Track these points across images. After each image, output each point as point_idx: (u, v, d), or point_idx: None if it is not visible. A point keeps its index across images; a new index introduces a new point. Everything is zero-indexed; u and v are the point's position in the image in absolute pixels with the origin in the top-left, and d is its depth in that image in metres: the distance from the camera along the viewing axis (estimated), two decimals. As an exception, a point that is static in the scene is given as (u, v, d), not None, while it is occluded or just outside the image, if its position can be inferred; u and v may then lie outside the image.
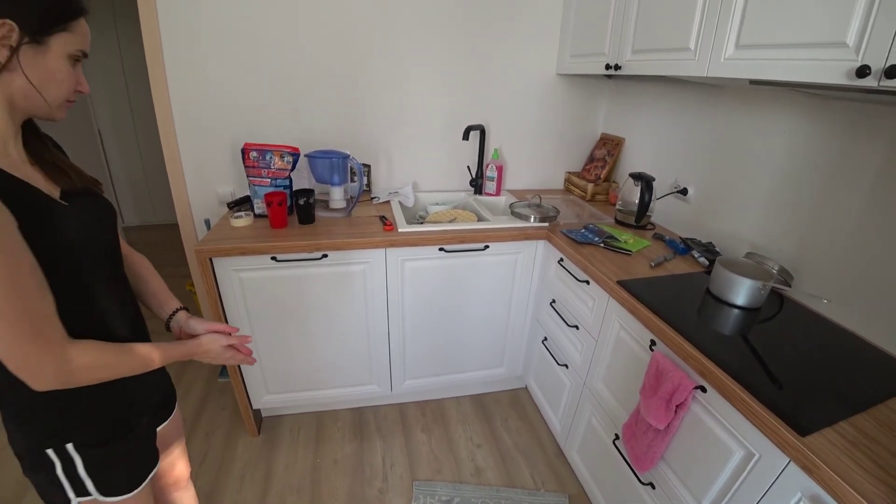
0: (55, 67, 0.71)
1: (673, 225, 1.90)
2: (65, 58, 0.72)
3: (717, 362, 1.02)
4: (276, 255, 1.64)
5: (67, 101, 0.77)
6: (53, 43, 0.70)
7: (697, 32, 1.32)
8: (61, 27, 0.70)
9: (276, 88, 1.99)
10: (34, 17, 0.67)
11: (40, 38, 0.68)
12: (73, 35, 0.72)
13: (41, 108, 0.74)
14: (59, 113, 0.76)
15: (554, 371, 1.85)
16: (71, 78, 0.74)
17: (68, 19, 0.71)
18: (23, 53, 0.67)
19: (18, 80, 0.68)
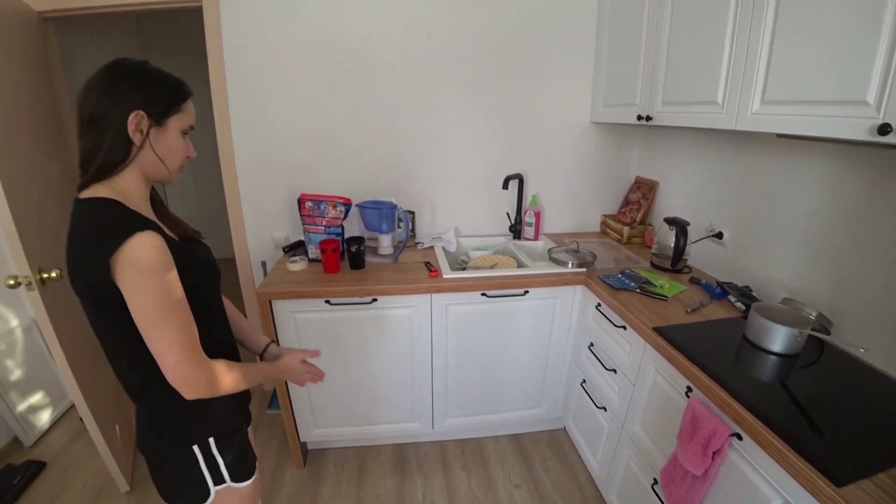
0: (173, 142, 0.91)
1: (710, 269, 1.93)
2: (179, 133, 0.92)
3: (752, 410, 1.06)
4: (329, 299, 1.77)
5: (180, 169, 0.96)
6: (171, 123, 0.90)
7: (724, 88, 1.40)
8: (176, 110, 0.90)
9: (328, 143, 2.19)
10: (159, 107, 0.87)
11: (162, 121, 0.88)
12: (184, 114, 0.92)
13: (164, 176, 0.93)
14: (176, 177, 0.96)
15: (592, 413, 1.88)
16: (184, 148, 0.94)
17: (180, 103, 0.91)
18: (151, 135, 0.87)
19: (149, 156, 0.89)
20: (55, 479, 2.06)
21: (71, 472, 2.09)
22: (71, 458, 2.18)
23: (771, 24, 1.22)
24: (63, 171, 2.09)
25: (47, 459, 2.15)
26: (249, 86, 2.07)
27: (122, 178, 0.88)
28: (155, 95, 0.87)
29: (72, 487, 2.01)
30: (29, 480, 2.02)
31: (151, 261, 0.80)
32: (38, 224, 1.72)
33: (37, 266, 1.61)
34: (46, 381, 2.40)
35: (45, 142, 1.94)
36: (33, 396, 2.31)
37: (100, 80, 0.84)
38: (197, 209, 4.65)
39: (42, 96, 1.95)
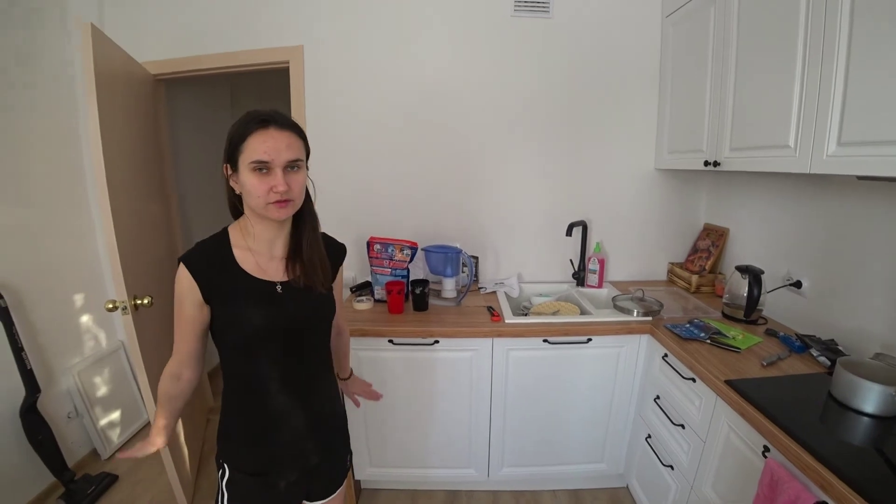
0: (245, 182, 0.94)
1: (787, 320, 1.81)
2: (249, 172, 0.93)
3: (841, 475, 0.97)
4: (392, 339, 1.83)
5: (273, 203, 0.94)
6: (240, 165, 0.94)
7: (796, 130, 1.36)
8: (240, 150, 0.93)
9: (398, 189, 2.34)
10: (230, 153, 0.96)
11: (234, 165, 0.96)
12: (247, 152, 0.92)
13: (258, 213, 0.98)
14: (270, 213, 0.96)
15: (658, 471, 1.76)
16: (257, 185, 0.93)
17: (242, 142, 0.93)
18: (234, 180, 0.99)
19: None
20: (125, 492, 2.20)
21: (140, 488, 2.23)
22: (141, 475, 2.32)
23: (844, 60, 1.19)
24: (163, 211, 2.36)
25: (120, 473, 2.31)
26: (326, 134, 2.26)
27: (245, 217, 1.04)
28: (228, 144, 0.96)
29: (140, 501, 2.14)
30: (102, 491, 2.18)
31: (176, 281, 0.99)
32: (138, 256, 1.94)
33: (133, 293, 1.80)
34: (127, 400, 2.61)
35: (150, 186, 2.21)
36: (114, 413, 2.52)
37: None
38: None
39: (150, 147, 2.25)
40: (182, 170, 2.90)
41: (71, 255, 2.36)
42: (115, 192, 1.73)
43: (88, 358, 2.42)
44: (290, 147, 0.95)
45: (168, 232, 2.48)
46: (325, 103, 2.26)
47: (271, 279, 1.02)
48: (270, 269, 1.03)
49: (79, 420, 2.34)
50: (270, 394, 1.04)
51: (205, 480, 2.27)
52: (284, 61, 2.25)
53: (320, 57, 2.23)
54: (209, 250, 1.00)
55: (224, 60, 2.28)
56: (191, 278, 0.96)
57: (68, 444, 2.25)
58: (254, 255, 1.02)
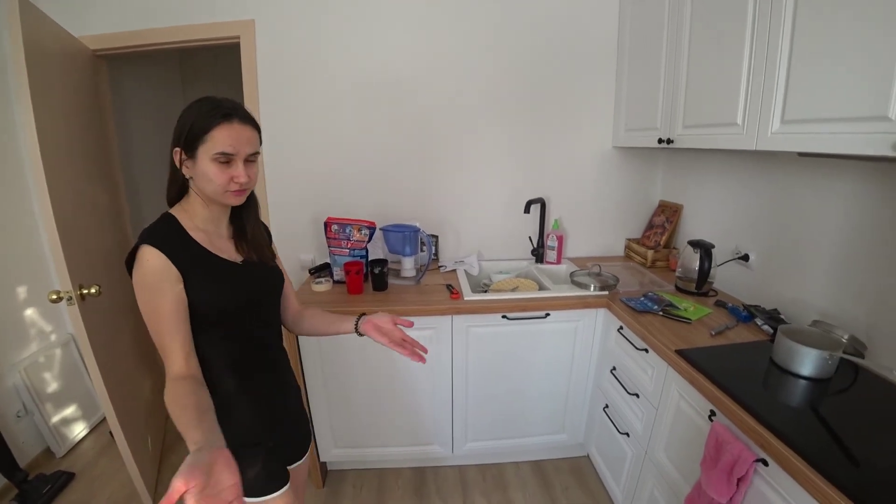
0: (203, 171, 0.95)
1: (736, 291, 1.89)
2: (209, 161, 0.94)
3: (779, 434, 1.02)
4: (351, 318, 1.81)
5: (230, 192, 0.97)
6: (199, 153, 0.94)
7: (744, 109, 1.40)
8: (201, 141, 0.93)
9: (355, 169, 2.27)
10: (186, 139, 0.94)
11: (192, 153, 0.94)
12: (209, 144, 0.93)
13: (212, 199, 0.99)
14: (227, 199, 0.99)
15: (615, 439, 1.83)
16: (218, 175, 0.95)
17: (205, 133, 0.93)
18: (187, 165, 0.97)
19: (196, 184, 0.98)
20: (83, 489, 2.13)
21: (98, 483, 2.16)
22: (99, 471, 2.24)
23: (788, 43, 1.22)
24: (110, 198, 2.23)
25: (76, 470, 2.23)
26: (280, 113, 2.18)
27: (189, 199, 1.02)
28: (183, 129, 0.94)
29: (98, 499, 2.07)
30: (58, 490, 2.09)
31: (142, 270, 0.92)
32: (82, 244, 1.83)
33: (78, 282, 1.70)
34: (80, 395, 2.50)
35: (94, 170, 2.08)
36: (67, 409, 2.41)
37: None
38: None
39: (93, 128, 2.11)
40: (130, 154, 2.75)
41: (13, 246, 2.21)
42: (54, 176, 1.61)
43: (36, 353, 2.29)
44: (251, 141, 0.98)
45: (117, 219, 2.35)
46: (279, 81, 2.16)
47: (230, 258, 1.04)
48: (225, 248, 1.05)
49: (29, 418, 2.23)
50: (246, 368, 1.07)
51: (168, 473, 2.21)
52: (234, 36, 2.13)
53: (274, 33, 2.12)
54: (166, 231, 0.97)
55: (169, 35, 2.13)
56: (162, 256, 0.92)
57: (19, 444, 2.15)
58: (207, 234, 1.02)
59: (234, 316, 1.02)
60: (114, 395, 1.82)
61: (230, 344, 1.04)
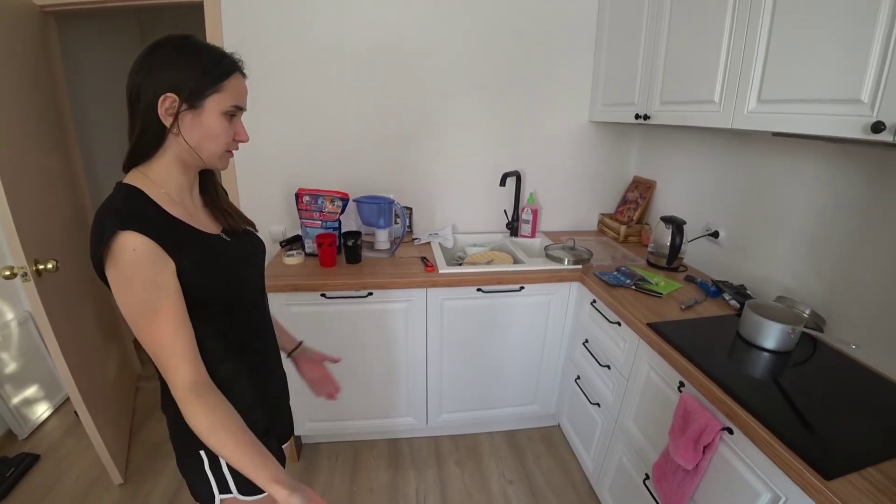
0: (211, 126, 0.81)
1: (705, 267, 1.94)
2: (219, 115, 0.81)
3: (743, 404, 1.06)
4: (325, 293, 1.78)
5: (227, 152, 0.88)
6: (208, 105, 0.80)
7: (721, 87, 1.40)
8: (214, 90, 0.80)
9: (327, 139, 2.19)
10: (193, 87, 0.78)
11: (197, 102, 0.79)
12: (225, 94, 0.81)
13: (202, 162, 0.86)
14: (220, 163, 0.88)
15: (586, 409, 1.88)
16: (227, 132, 0.84)
17: (220, 81, 0.80)
18: (182, 118, 0.79)
19: (182, 143, 0.81)
20: (49, 471, 2.06)
21: (65, 464, 2.10)
22: (65, 451, 2.18)
23: (768, 23, 1.23)
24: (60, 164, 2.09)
25: (41, 451, 2.15)
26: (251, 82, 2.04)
27: (158, 164, 0.83)
28: (189, 74, 0.78)
29: (65, 479, 2.01)
30: (22, 473, 2.02)
31: (128, 262, 0.74)
32: (36, 216, 1.72)
33: (33, 257, 1.61)
34: (42, 375, 2.39)
35: (45, 136, 1.94)
36: (28, 389, 2.31)
37: (138, 59, 0.78)
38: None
39: (42, 91, 1.96)
40: (86, 119, 2.59)
41: None
42: (0, 142, 1.51)
43: (-10, 333, 2.18)
44: None
45: (73, 188, 2.22)
46: (247, 48, 2.01)
47: (212, 231, 0.91)
48: (203, 220, 0.91)
49: None
50: (243, 351, 0.94)
51: (138, 452, 2.17)
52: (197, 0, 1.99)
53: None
54: (141, 209, 0.79)
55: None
56: (152, 243, 0.75)
57: None
58: (184, 207, 0.86)
59: (230, 296, 0.90)
60: (77, 373, 1.76)
61: (225, 328, 0.90)
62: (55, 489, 1.96)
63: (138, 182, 0.82)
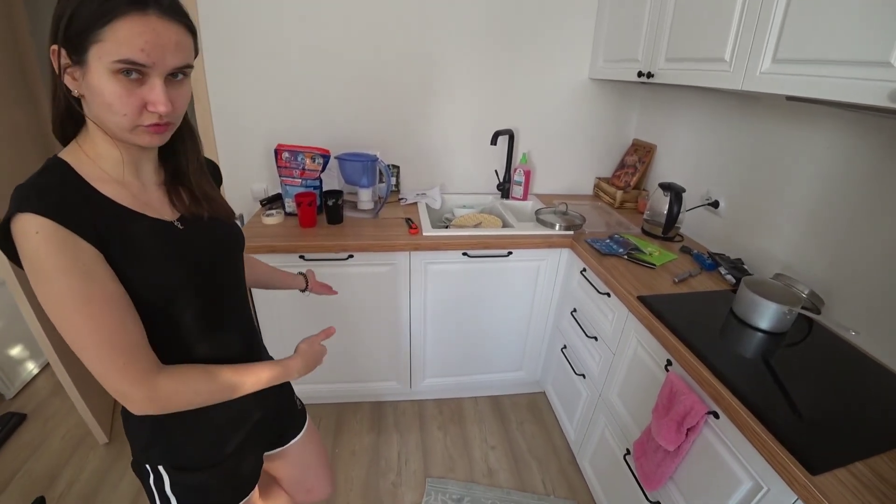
0: (98, 87, 0.60)
1: (702, 238, 1.86)
2: (106, 73, 0.59)
3: (731, 389, 1.01)
4: (304, 254, 1.70)
5: (147, 126, 0.65)
6: (91, 59, 0.59)
7: (734, 43, 1.27)
8: (94, 38, 0.58)
9: (309, 91, 2.05)
10: (67, 32, 0.58)
11: (80, 57, 0.59)
12: (107, 44, 0.58)
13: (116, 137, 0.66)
14: (138, 139, 0.66)
15: (571, 379, 1.85)
16: (127, 97, 0.61)
17: (99, 25, 0.57)
18: (74, 78, 0.62)
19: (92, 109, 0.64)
20: (36, 430, 2.06)
21: (51, 423, 2.09)
22: (52, 410, 2.16)
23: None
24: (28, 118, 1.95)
25: (28, 411, 2.14)
26: (226, 29, 1.89)
27: (89, 135, 0.68)
28: (62, 16, 0.58)
29: (52, 438, 2.01)
30: (10, 432, 2.02)
31: (31, 248, 0.60)
32: (7, 172, 1.61)
33: (5, 215, 1.51)
34: (25, 335, 2.33)
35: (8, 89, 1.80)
36: (13, 349, 2.27)
37: None
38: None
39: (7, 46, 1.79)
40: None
41: None
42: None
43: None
44: (179, 47, 0.64)
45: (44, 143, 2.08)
46: None
47: (162, 216, 0.75)
48: (154, 202, 0.75)
49: None
50: (199, 356, 0.80)
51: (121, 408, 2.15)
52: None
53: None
54: (56, 186, 0.64)
55: None
56: (60, 228, 0.60)
57: None
58: (123, 186, 0.71)
59: (181, 296, 0.75)
60: (55, 336, 1.70)
61: (174, 330, 0.76)
62: (42, 448, 1.96)
63: (68, 155, 0.68)
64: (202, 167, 0.83)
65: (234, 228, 0.89)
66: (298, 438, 1.14)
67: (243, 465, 0.96)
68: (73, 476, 1.83)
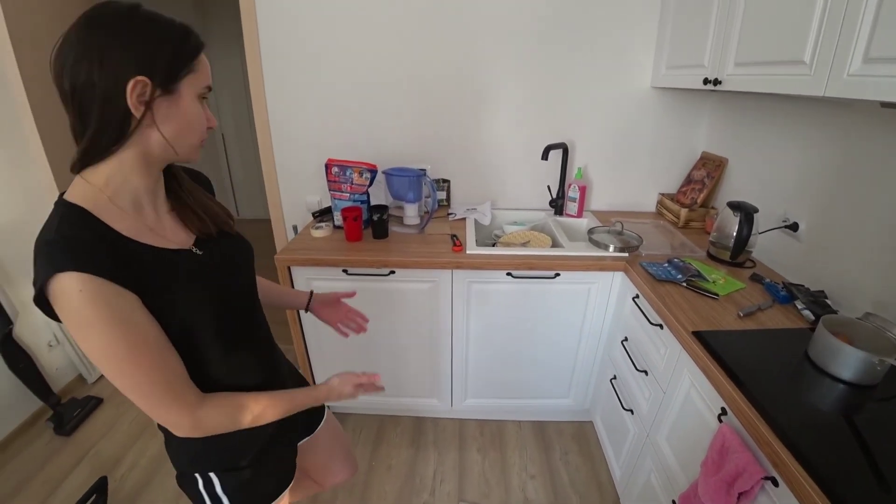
0: (189, 111, 0.71)
1: (778, 265, 1.65)
2: (195, 99, 0.71)
3: (795, 453, 0.86)
4: (347, 269, 1.70)
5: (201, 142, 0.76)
6: (183, 88, 0.69)
7: (815, 42, 1.10)
8: (187, 70, 0.69)
9: (360, 106, 2.08)
10: (163, 66, 0.66)
11: (171, 86, 0.67)
12: (198, 73, 0.71)
13: (174, 155, 0.73)
14: (195, 155, 0.76)
15: (619, 414, 1.71)
16: (201, 117, 0.73)
17: (191, 59, 0.70)
18: (157, 106, 0.67)
19: (155, 135, 0.69)
20: (110, 413, 2.27)
21: (123, 409, 2.28)
22: (123, 397, 2.31)
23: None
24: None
25: (104, 396, 2.36)
26: (283, 40, 1.96)
27: (109, 167, 0.68)
28: (157, 53, 0.65)
29: (122, 422, 2.20)
30: (88, 413, 2.25)
31: (75, 308, 0.62)
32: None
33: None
34: None
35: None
36: None
37: (77, 41, 0.62)
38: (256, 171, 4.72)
39: None
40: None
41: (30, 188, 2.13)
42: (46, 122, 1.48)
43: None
44: None
45: None
46: (280, 7, 1.92)
47: (181, 245, 0.78)
48: (169, 232, 0.77)
49: (60, 348, 2.35)
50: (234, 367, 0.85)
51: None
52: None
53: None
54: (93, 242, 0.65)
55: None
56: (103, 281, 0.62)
57: (53, 371, 2.28)
58: (141, 219, 0.73)
59: (210, 322, 0.78)
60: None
61: (211, 352, 0.80)
62: (113, 430, 2.16)
63: (79, 197, 0.67)
64: (190, 181, 0.87)
65: (244, 243, 0.92)
66: (323, 423, 1.21)
67: (283, 455, 1.04)
68: (134, 461, 1.98)
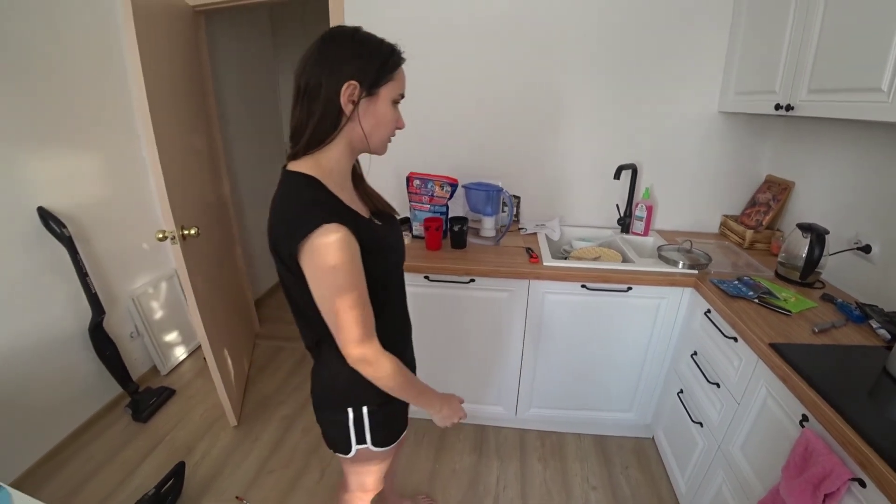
0: (383, 113, 0.90)
1: (849, 287, 1.67)
2: (390, 103, 0.91)
3: (884, 454, 0.91)
4: (429, 275, 1.83)
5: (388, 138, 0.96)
6: (382, 93, 0.89)
7: (893, 71, 1.17)
8: (388, 78, 0.89)
9: (440, 122, 2.24)
10: (371, 75, 0.86)
11: (374, 90, 0.88)
12: (396, 82, 0.91)
13: (369, 147, 0.94)
14: (383, 149, 0.97)
15: (686, 426, 1.75)
16: (394, 119, 0.93)
17: (392, 70, 0.89)
18: (361, 105, 0.87)
19: (357, 128, 0.89)
20: (181, 405, 2.43)
21: (193, 401, 2.45)
22: (194, 390, 2.54)
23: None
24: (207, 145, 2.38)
25: (177, 388, 2.54)
26: None
27: (329, 151, 0.90)
28: (367, 64, 0.86)
29: (193, 414, 2.36)
30: (162, 402, 2.42)
31: (332, 255, 0.81)
32: (183, 188, 1.98)
33: (180, 224, 1.85)
34: (181, 323, 2.80)
35: (193, 118, 2.22)
36: (170, 334, 2.72)
37: (315, 51, 0.86)
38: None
39: (193, 80, 2.24)
40: (224, 104, 2.87)
41: (127, 189, 2.43)
42: (160, 125, 1.74)
43: (146, 284, 2.58)
44: None
45: (213, 166, 2.53)
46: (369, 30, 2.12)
47: (365, 214, 0.98)
48: (359, 206, 0.98)
49: (140, 339, 2.55)
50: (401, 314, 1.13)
51: (251, 400, 2.47)
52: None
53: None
54: (329, 200, 0.88)
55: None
56: (349, 233, 0.83)
57: (132, 360, 2.48)
58: (349, 194, 0.96)
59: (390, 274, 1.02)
60: (207, 325, 2.01)
61: (392, 293, 1.04)
62: (185, 420, 2.31)
63: (312, 170, 0.89)
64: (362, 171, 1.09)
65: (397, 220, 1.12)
66: None
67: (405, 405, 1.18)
68: (205, 450, 2.12)
